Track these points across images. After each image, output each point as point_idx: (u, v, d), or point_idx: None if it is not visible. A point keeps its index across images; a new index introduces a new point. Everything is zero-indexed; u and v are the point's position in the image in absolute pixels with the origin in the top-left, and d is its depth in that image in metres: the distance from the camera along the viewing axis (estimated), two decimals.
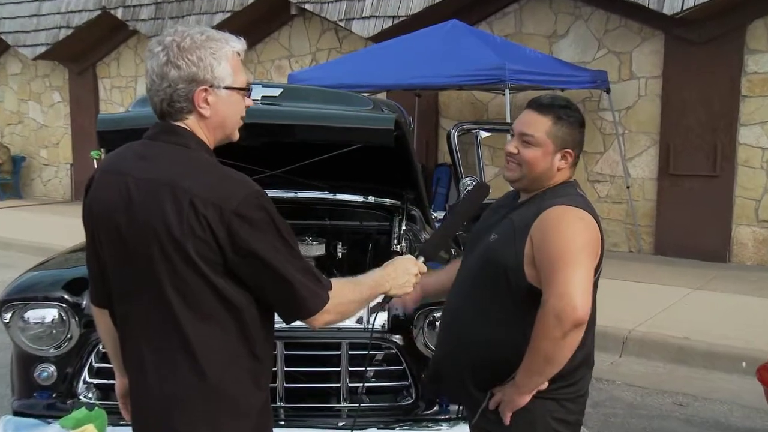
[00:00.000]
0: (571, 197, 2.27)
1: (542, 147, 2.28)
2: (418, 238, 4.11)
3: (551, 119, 2.28)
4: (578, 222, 2.18)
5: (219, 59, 1.81)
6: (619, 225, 9.72)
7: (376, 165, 4.02)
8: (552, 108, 2.30)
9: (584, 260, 2.12)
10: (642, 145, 9.48)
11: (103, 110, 14.88)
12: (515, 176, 2.35)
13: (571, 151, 2.31)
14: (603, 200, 9.79)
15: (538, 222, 2.20)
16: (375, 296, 2.05)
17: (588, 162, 9.82)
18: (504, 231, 2.30)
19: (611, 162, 9.69)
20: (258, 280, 1.78)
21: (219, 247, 1.73)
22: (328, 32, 12.02)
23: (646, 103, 9.41)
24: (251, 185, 1.77)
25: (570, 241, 2.13)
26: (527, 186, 2.36)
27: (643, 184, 9.50)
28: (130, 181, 1.78)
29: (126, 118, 3.68)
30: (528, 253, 2.19)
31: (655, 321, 6.34)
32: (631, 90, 9.50)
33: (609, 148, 9.69)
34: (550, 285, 2.09)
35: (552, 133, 2.28)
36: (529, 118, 2.32)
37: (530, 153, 2.30)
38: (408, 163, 3.89)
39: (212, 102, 1.83)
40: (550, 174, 2.32)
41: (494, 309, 2.26)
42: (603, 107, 9.67)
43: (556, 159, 2.30)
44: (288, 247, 1.79)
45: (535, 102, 2.35)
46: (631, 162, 9.54)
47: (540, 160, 2.29)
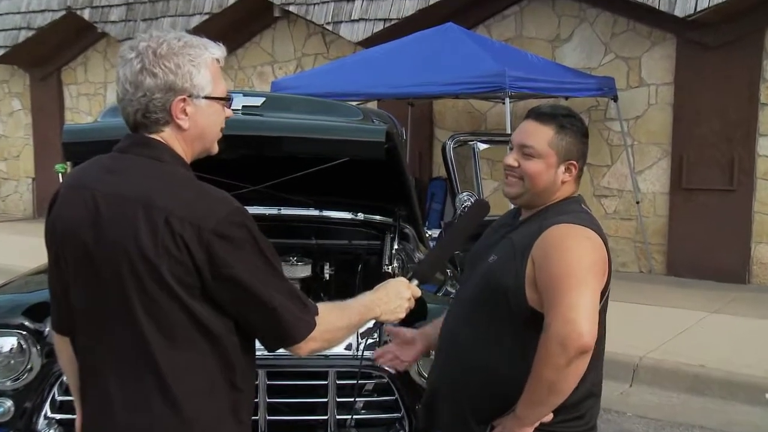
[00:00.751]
0: (575, 214, 2.29)
1: (545, 159, 2.31)
2: (412, 258, 4.12)
3: (553, 129, 2.31)
4: (583, 241, 2.20)
5: (198, 66, 1.82)
6: (628, 243, 9.77)
7: (366, 180, 4.04)
8: (554, 117, 2.32)
9: (590, 282, 2.13)
10: (652, 157, 9.55)
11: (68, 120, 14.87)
12: (516, 191, 2.36)
13: (576, 162, 2.33)
14: (610, 216, 9.85)
15: (540, 241, 2.22)
16: (365, 322, 2.06)
17: (594, 175, 9.88)
18: (504, 252, 2.32)
19: (619, 175, 9.76)
20: (238, 305, 1.78)
21: (196, 269, 1.73)
22: (314, 36, 12.08)
23: (656, 112, 9.49)
24: (231, 202, 1.78)
25: (574, 262, 2.14)
26: (529, 202, 2.37)
27: (654, 199, 9.56)
28: (98, 197, 1.78)
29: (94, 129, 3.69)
30: (529, 275, 2.21)
31: (668, 347, 6.36)
32: (640, 98, 9.58)
33: (617, 160, 9.76)
34: (554, 309, 2.11)
35: (554, 143, 2.30)
36: (530, 128, 2.34)
37: (532, 165, 2.32)
38: (400, 178, 3.91)
39: (191, 113, 1.84)
40: (554, 188, 2.34)
41: (494, 334, 2.28)
42: (610, 116, 9.75)
43: (560, 171, 2.32)
44: (271, 269, 1.79)
45: (535, 111, 2.37)
46: (640, 175, 9.61)
47: (543, 173, 2.31)
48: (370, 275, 4.14)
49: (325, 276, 4.25)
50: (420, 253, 4.25)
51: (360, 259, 4.42)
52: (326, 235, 4.54)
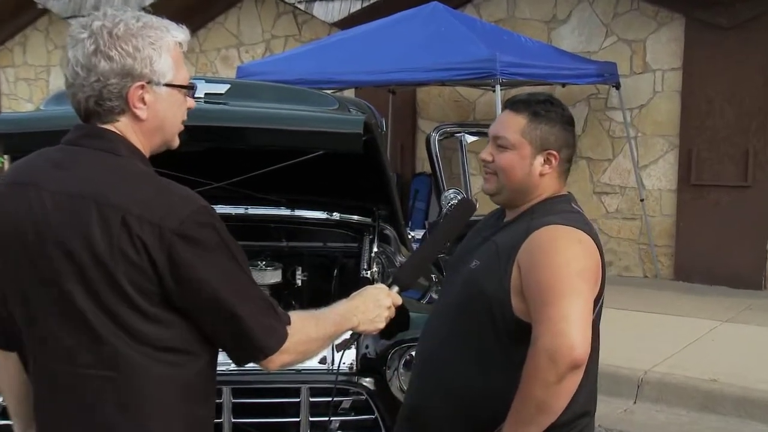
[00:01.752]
0: (564, 214, 2.33)
1: (518, 150, 2.35)
2: (393, 261, 4.16)
3: (526, 117, 2.36)
4: (574, 244, 2.23)
5: (159, 50, 1.82)
6: (631, 245, 9.85)
7: (342, 175, 4.06)
8: (527, 104, 2.37)
9: (581, 289, 2.16)
10: (658, 151, 9.64)
11: (6, 108, 14.76)
12: (492, 188, 2.41)
13: (555, 152, 2.37)
14: (612, 216, 9.93)
15: (527, 245, 2.25)
16: (341, 333, 2.08)
17: (594, 170, 9.96)
18: (486, 256, 2.34)
19: (622, 170, 9.83)
20: (204, 314, 1.78)
21: (157, 274, 1.73)
22: (284, 16, 12.07)
23: (663, 101, 9.57)
24: (196, 200, 1.78)
25: (564, 267, 2.17)
26: (509, 200, 2.41)
27: (660, 196, 9.65)
28: (44, 195, 1.77)
29: (36, 118, 3.68)
30: (515, 282, 2.23)
31: (676, 360, 6.40)
32: (645, 85, 9.66)
33: (619, 153, 9.83)
34: (542, 320, 2.13)
35: (527, 132, 2.35)
36: (503, 118, 2.40)
37: (505, 158, 2.36)
38: (380, 173, 3.94)
39: (150, 101, 1.84)
40: (533, 182, 2.37)
41: (477, 348, 2.30)
42: (612, 106, 9.82)
43: (537, 163, 2.36)
44: (241, 274, 1.80)
45: (510, 100, 2.43)
46: (645, 170, 9.69)
47: (516, 165, 2.35)
48: (347, 281, 4.17)
49: (297, 282, 4.27)
50: (402, 257, 4.27)
51: (336, 263, 4.44)
52: (298, 236, 4.55)
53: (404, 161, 11.13)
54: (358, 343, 3.18)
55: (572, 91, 9.74)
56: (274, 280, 4.08)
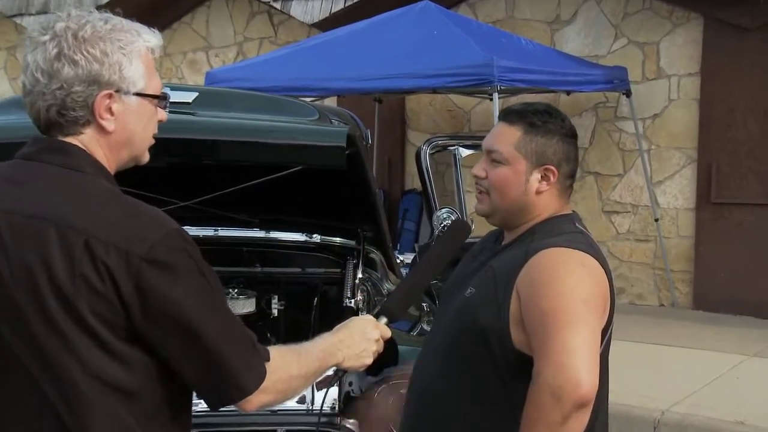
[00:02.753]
0: (567, 235, 2.35)
1: (511, 165, 2.38)
2: (380, 289, 4.19)
3: (521, 128, 2.39)
4: (578, 269, 2.25)
5: (129, 56, 1.84)
6: (645, 270, 9.89)
7: (323, 193, 4.09)
8: (523, 115, 2.41)
9: (587, 319, 2.18)
10: (674, 165, 9.69)
11: None
12: (485, 208, 2.44)
13: (553, 168, 2.40)
14: (623, 237, 9.97)
15: (526, 270, 2.27)
16: (324, 370, 2.09)
17: (603, 187, 10.01)
18: (483, 283, 2.36)
19: (634, 187, 9.88)
20: (175, 350, 1.78)
21: (123, 305, 1.73)
22: (259, 16, 12.10)
23: (679, 110, 9.63)
24: (168, 223, 1.78)
25: (567, 295, 2.19)
26: (504, 221, 2.44)
27: (676, 216, 9.69)
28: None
29: None
30: (514, 312, 2.25)
31: (696, 399, 6.38)
32: (659, 92, 9.73)
33: (630, 168, 9.88)
34: (544, 353, 2.14)
35: (522, 145, 2.38)
36: (497, 131, 2.44)
37: (498, 173, 2.39)
38: (365, 191, 3.95)
39: (118, 112, 1.84)
40: (529, 201, 2.40)
41: (473, 385, 2.32)
42: (622, 115, 9.88)
43: (533, 179, 2.39)
44: (218, 306, 1.81)
45: (505, 111, 2.47)
46: (660, 187, 9.74)
47: (510, 181, 2.38)
48: (329, 311, 4.18)
49: (272, 312, 4.28)
50: (390, 284, 4.30)
51: (316, 291, 4.45)
52: (274, 261, 4.56)
53: (392, 177, 11.15)
54: (341, 380, 3.18)
55: (578, 99, 9.80)
56: (247, 309, 4.08)
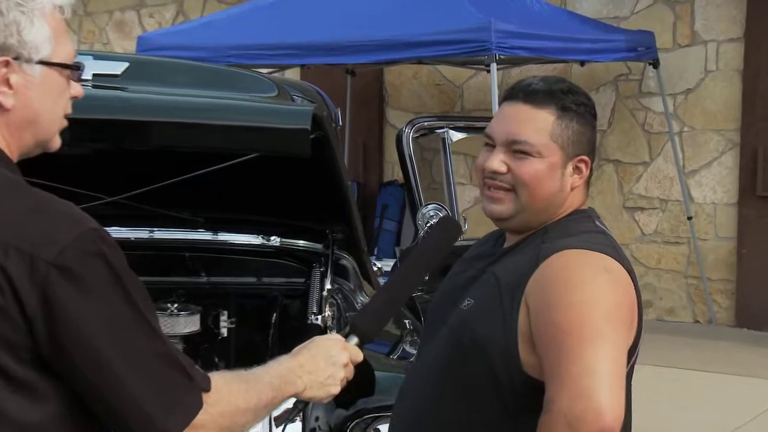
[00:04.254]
0: (586, 235, 2.35)
1: (546, 158, 2.36)
2: (352, 303, 4.17)
3: (554, 112, 2.36)
4: (600, 275, 2.25)
5: (30, 15, 1.82)
6: (676, 280, 9.91)
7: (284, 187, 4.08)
8: (552, 95, 2.38)
9: (611, 335, 2.17)
10: (712, 151, 9.70)
11: None
12: (507, 210, 2.39)
13: (587, 159, 2.40)
14: (649, 239, 9.99)
15: (537, 277, 2.26)
16: (281, 401, 2.08)
17: (625, 178, 10.02)
18: (484, 293, 2.35)
19: (662, 178, 9.90)
20: (87, 379, 1.76)
21: (26, 320, 1.72)
22: None
23: (718, 83, 9.64)
24: (83, 221, 1.77)
25: (586, 306, 2.18)
26: (528, 223, 2.42)
27: (714, 212, 9.71)
28: None
29: None
30: (523, 328, 2.24)
31: None
32: (693, 62, 9.73)
33: (658, 155, 9.90)
34: (560, 376, 2.13)
35: (557, 133, 2.36)
36: (520, 114, 2.39)
37: (530, 169, 2.36)
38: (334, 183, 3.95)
39: (17, 84, 1.84)
40: (561, 199, 2.39)
41: (472, 417, 2.31)
42: (648, 90, 9.89)
43: (567, 173, 2.39)
44: (137, 325, 1.79)
45: (524, 90, 2.42)
46: (694, 177, 9.77)
47: (545, 177, 2.36)
48: (290, 330, 4.17)
49: (221, 331, 4.27)
50: (364, 296, 4.29)
51: (274, 305, 4.43)
52: (223, 269, 4.55)
53: (368, 167, 11.17)
54: (304, 414, 3.18)
55: (594, 71, 9.82)
56: (189, 329, 4.07)
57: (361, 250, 4.47)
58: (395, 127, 10.53)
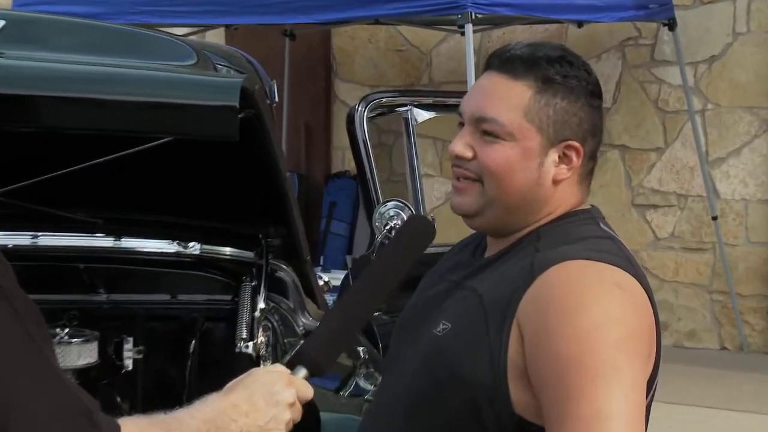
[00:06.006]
0: (590, 242, 2.37)
1: (519, 141, 2.38)
2: (292, 327, 4.18)
3: (531, 85, 2.39)
4: (612, 292, 2.26)
5: None
6: (698, 295, 9.99)
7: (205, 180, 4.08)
8: (533, 63, 2.40)
9: (627, 368, 2.19)
10: (742, 134, 9.80)
11: None
12: (472, 206, 2.43)
13: (578, 144, 2.41)
14: (665, 245, 10.08)
15: (533, 295, 2.27)
16: None
17: (634, 168, 10.10)
18: (463, 314, 2.37)
19: (680, 168, 9.99)
20: None
21: None
22: None
23: (749, 49, 9.74)
24: None
25: (597, 333, 2.20)
26: (501, 222, 2.45)
27: (744, 211, 9.81)
28: None
29: None
30: (515, 359, 2.26)
31: None
32: (719, 22, 9.82)
33: (675, 139, 9.99)
34: (565, 421, 2.15)
35: (534, 110, 2.38)
36: (491, 87, 2.42)
37: (497, 154, 2.38)
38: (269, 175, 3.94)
39: None
40: (542, 194, 2.41)
41: None
42: (662, 58, 9.99)
43: (549, 161, 2.40)
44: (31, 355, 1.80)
45: (500, 56, 2.45)
46: (719, 167, 9.85)
47: (516, 165, 2.38)
48: (214, 361, 4.18)
49: (125, 363, 4.25)
50: (308, 318, 4.29)
51: (194, 329, 4.42)
52: (128, 284, 4.54)
53: (312, 154, 11.21)
54: None
55: (596, 33, 9.88)
56: (84, 360, 4.04)
57: (302, 259, 4.45)
58: (346, 105, 10.53)
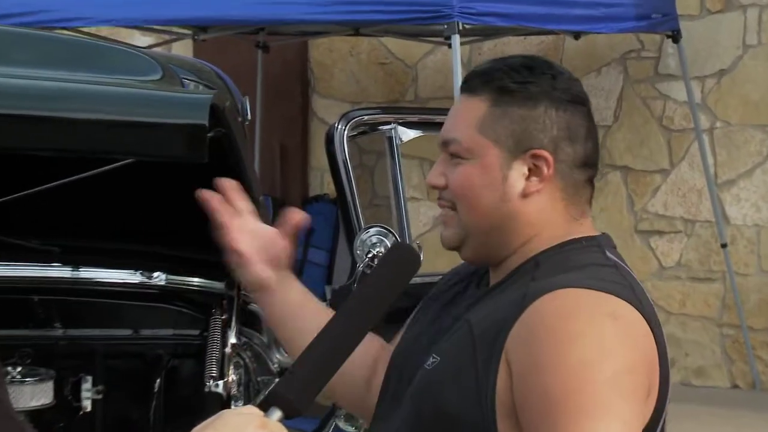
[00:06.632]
0: (590, 270, 2.37)
1: (477, 157, 2.40)
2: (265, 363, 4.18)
3: (486, 98, 2.41)
4: (605, 323, 2.26)
5: None
6: (707, 329, 9.99)
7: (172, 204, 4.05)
8: (489, 77, 2.43)
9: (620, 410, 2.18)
10: (753, 154, 9.82)
11: None
12: (454, 237, 2.46)
13: (545, 153, 2.40)
14: (670, 274, 10.08)
15: (522, 326, 2.26)
16: None
17: (636, 191, 10.11)
18: (454, 347, 2.37)
19: (687, 191, 10.00)
20: None
21: None
22: None
23: (761, 63, 9.74)
24: None
25: (588, 368, 2.19)
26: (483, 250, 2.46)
27: (757, 238, 9.82)
28: None
29: None
30: (503, 397, 2.25)
31: None
32: (728, 34, 9.84)
33: (681, 160, 10.01)
34: None
35: (488, 123, 2.40)
36: (455, 109, 2.49)
37: (460, 176, 2.42)
38: None
39: None
40: (511, 209, 2.41)
41: None
42: (666, 72, 10.00)
43: (516, 176, 2.40)
44: None
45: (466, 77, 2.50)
46: (729, 190, 9.87)
47: (477, 182, 2.40)
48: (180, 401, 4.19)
49: (83, 405, 4.25)
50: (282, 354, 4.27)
51: (158, 367, 4.42)
52: (87, 318, 4.54)
53: (287, 176, 11.20)
54: None
55: (595, 46, 9.90)
56: (39, 401, 4.05)
57: None
58: (325, 123, 10.55)
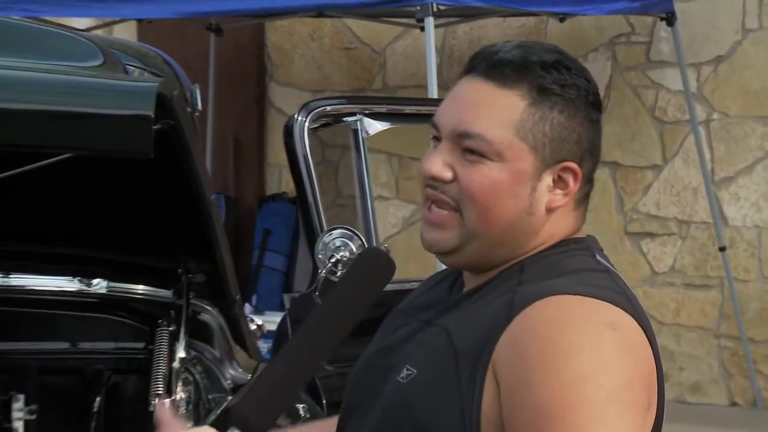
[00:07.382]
0: (582, 275, 2.37)
1: (510, 162, 2.37)
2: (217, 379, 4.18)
3: (525, 95, 2.37)
4: (602, 333, 2.26)
5: None
6: (703, 341, 10.03)
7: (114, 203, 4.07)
8: (526, 69, 2.38)
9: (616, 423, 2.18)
10: (754, 148, 9.87)
11: None
12: (451, 242, 2.41)
13: (576, 166, 2.41)
14: (664, 280, 10.12)
15: (511, 336, 2.26)
16: None
17: (627, 189, 10.15)
18: (430, 358, 2.37)
19: (681, 189, 10.05)
20: None
21: None
22: None
23: (762, 48, 9.79)
24: None
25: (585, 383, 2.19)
26: (484, 258, 2.44)
27: (758, 240, 9.87)
28: None
29: None
30: (490, 414, 2.25)
31: None
32: (726, 17, 9.88)
33: (675, 155, 10.05)
34: None
35: (528, 126, 2.37)
36: (478, 96, 2.40)
37: (483, 178, 2.37)
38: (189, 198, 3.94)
39: None
40: (533, 223, 2.40)
41: None
42: (659, 59, 10.05)
43: (543, 187, 2.39)
44: None
45: (488, 59, 2.42)
46: (728, 188, 9.92)
47: (507, 193, 2.37)
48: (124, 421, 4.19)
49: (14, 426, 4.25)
50: (237, 369, 4.29)
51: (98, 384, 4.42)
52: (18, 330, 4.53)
53: (242, 173, 11.23)
54: None
55: (581, 29, 9.93)
56: None
57: (231, 299, 4.44)
58: (283, 114, 10.56)
